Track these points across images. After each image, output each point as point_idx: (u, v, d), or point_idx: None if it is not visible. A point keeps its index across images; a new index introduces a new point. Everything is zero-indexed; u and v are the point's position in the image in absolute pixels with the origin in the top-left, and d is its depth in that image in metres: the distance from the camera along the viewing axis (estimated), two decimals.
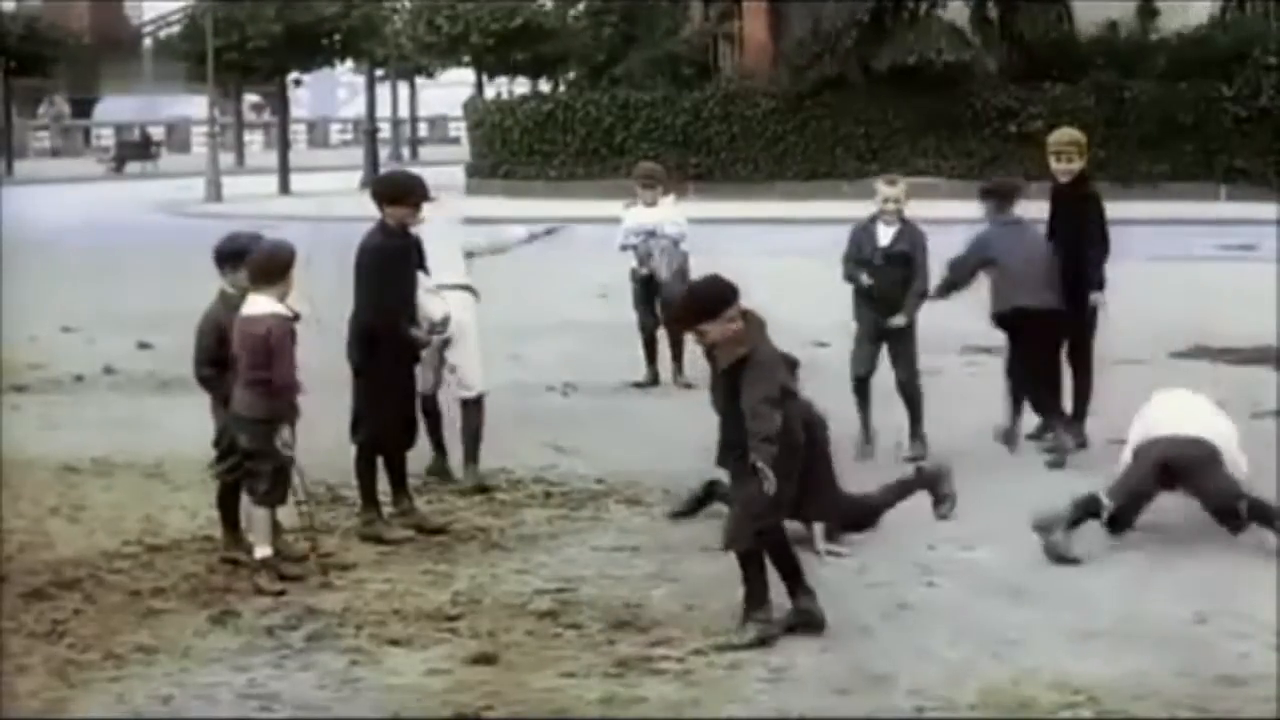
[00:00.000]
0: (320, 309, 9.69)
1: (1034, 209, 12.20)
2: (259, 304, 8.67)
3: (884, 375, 11.81)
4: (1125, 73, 37.17)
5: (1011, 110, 37.56)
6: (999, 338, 15.51)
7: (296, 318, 8.77)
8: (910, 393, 11.79)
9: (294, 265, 8.80)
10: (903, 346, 11.76)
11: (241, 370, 8.72)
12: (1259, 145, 36.21)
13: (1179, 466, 9.43)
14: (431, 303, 10.07)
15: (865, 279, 11.61)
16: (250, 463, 8.79)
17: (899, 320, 11.64)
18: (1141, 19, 38.25)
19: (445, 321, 10.17)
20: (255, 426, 8.73)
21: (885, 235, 11.72)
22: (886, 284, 11.61)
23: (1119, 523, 9.35)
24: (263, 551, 8.69)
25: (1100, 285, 11.82)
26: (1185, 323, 16.89)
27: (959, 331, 16.84)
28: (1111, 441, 11.66)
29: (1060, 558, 8.99)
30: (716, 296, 7.75)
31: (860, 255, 11.72)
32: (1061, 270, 11.86)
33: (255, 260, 8.80)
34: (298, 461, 8.81)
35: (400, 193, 9.93)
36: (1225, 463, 9.47)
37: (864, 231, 11.83)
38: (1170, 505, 10.07)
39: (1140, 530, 9.60)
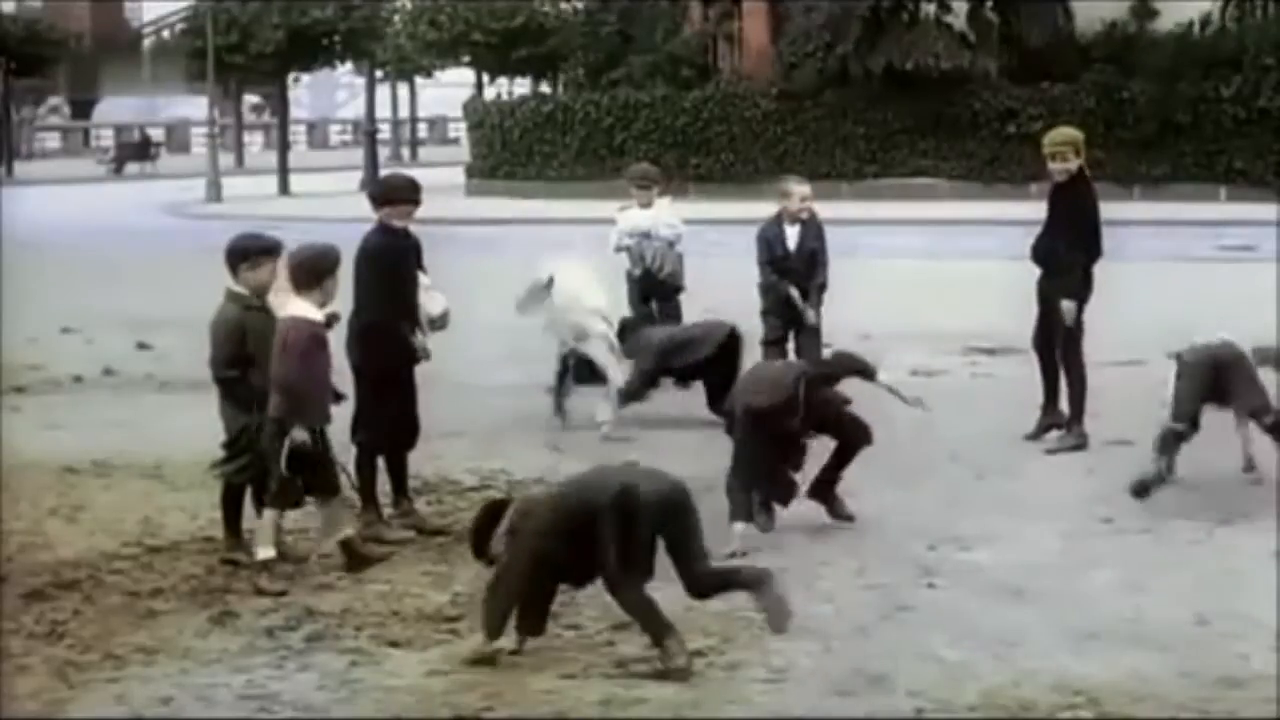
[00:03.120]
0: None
1: (1031, 210, 12.21)
2: (293, 306, 8.74)
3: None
4: (1125, 73, 37.17)
5: (1011, 111, 37.55)
6: (1002, 339, 15.56)
7: (329, 324, 8.85)
8: None
9: (336, 271, 8.85)
10: (811, 340, 12.74)
11: (270, 371, 8.79)
12: (1258, 146, 36.20)
13: (1222, 370, 10.32)
14: (430, 300, 10.08)
15: (794, 292, 12.75)
16: (265, 462, 8.82)
17: (811, 318, 12.76)
18: (1140, 19, 38.23)
19: (445, 316, 10.17)
20: (272, 425, 8.77)
21: (793, 236, 12.79)
22: (799, 281, 12.77)
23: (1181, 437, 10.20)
24: (265, 553, 8.71)
25: (1072, 294, 11.72)
26: (1185, 323, 16.85)
27: (961, 332, 16.87)
28: (1111, 442, 11.68)
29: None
30: None
31: (774, 258, 12.79)
32: (1044, 269, 11.88)
33: (298, 263, 8.84)
34: (336, 458, 9.03)
35: (393, 195, 10.04)
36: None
37: (774, 234, 12.89)
38: (1171, 504, 10.08)
39: (1140, 530, 9.62)
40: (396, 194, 10.08)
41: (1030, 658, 7.48)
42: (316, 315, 8.77)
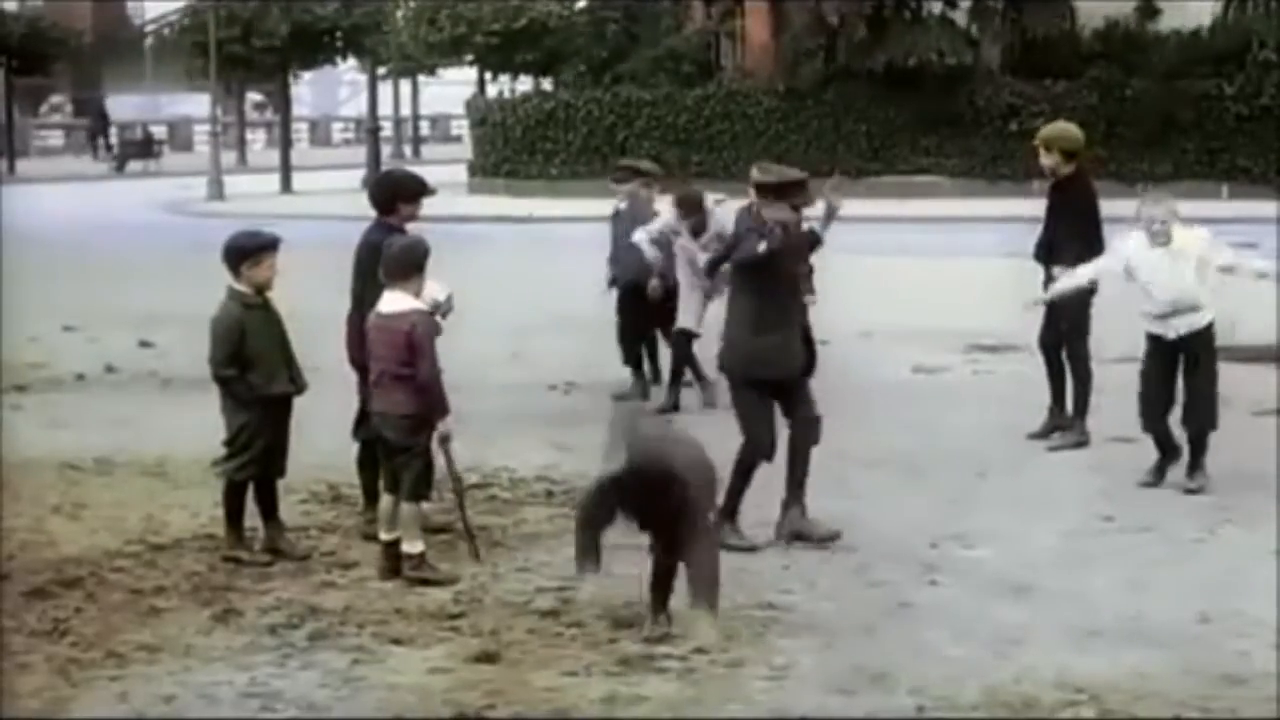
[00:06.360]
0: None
1: (1034, 207, 12.20)
2: (398, 301, 8.73)
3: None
4: (1127, 71, 37.18)
5: (1013, 108, 37.56)
6: (1003, 337, 15.57)
7: (434, 313, 8.86)
8: None
9: (428, 261, 8.88)
10: None
11: (385, 368, 8.74)
12: (1261, 143, 36.21)
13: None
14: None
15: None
16: (398, 459, 8.80)
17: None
18: (1142, 16, 38.24)
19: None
20: (404, 422, 8.74)
21: None
22: None
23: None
24: (417, 546, 8.72)
25: (1070, 264, 11.60)
26: None
27: (963, 330, 16.88)
28: (1113, 440, 11.68)
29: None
30: None
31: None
32: (1048, 268, 11.87)
33: (391, 256, 8.85)
34: (452, 453, 8.98)
35: (402, 194, 10.00)
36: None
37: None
38: (1172, 502, 10.09)
39: (1142, 528, 9.62)
40: (404, 193, 9.99)
41: (1032, 655, 7.48)
42: (424, 305, 8.80)
